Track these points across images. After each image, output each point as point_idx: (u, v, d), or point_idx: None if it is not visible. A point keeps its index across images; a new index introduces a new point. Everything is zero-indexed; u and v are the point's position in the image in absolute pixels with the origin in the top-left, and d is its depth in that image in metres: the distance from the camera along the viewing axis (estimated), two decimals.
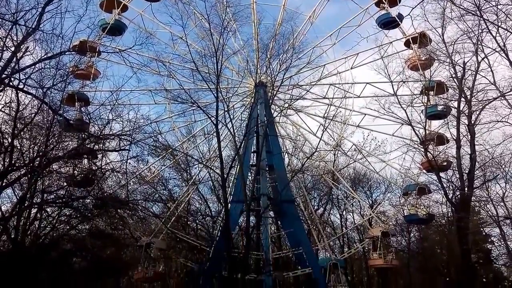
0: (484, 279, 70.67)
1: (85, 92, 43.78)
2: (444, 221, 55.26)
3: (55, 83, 24.51)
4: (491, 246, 57.89)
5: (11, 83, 22.40)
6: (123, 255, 55.77)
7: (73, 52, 27.19)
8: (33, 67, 22.40)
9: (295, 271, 51.72)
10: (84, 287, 50.92)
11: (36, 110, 27.53)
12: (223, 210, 41.00)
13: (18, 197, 30.64)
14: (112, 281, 62.23)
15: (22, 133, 27.70)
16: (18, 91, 23.82)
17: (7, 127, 28.20)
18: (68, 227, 34.10)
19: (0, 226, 28.94)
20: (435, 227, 59.57)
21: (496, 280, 72.76)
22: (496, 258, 57.97)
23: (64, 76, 25.73)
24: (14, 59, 21.52)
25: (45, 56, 22.70)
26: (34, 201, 30.60)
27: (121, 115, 29.82)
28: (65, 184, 31.74)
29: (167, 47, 49.79)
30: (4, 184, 26.07)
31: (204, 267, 47.28)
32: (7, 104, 26.58)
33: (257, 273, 45.31)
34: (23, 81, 22.02)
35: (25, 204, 29.50)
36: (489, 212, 38.98)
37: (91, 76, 46.07)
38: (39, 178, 28.91)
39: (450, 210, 48.57)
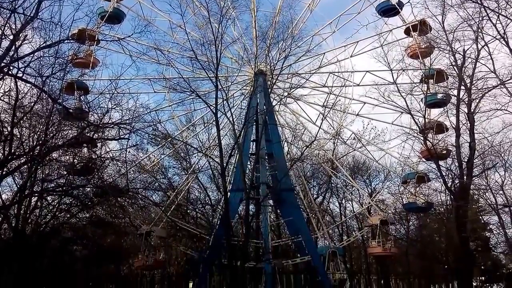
0: (482, 267, 71.31)
1: (84, 81, 43.75)
2: (443, 209, 55.42)
3: (54, 71, 24.36)
4: (489, 234, 58.30)
5: (10, 72, 22.25)
6: (124, 243, 56.03)
7: (72, 41, 27.03)
8: (32, 55, 22.24)
9: (294, 259, 51.93)
10: (84, 275, 51.34)
11: (35, 99, 27.41)
12: (223, 198, 41.06)
13: (18, 186, 30.82)
14: (113, 268, 62.69)
15: (21, 121, 27.61)
16: (17, 80, 23.65)
17: (6, 115, 28.13)
18: (68, 216, 34.31)
19: (0, 215, 29.08)
20: (434, 215, 59.84)
21: (495, 267, 73.35)
22: (494, 246, 58.51)
23: (63, 64, 25.51)
24: (13, 48, 21.38)
25: (44, 45, 22.51)
26: (34, 189, 30.70)
27: (121, 104, 29.62)
28: (65, 172, 31.85)
29: (165, 35, 49.62)
30: (4, 172, 26.10)
31: (204, 255, 47.62)
32: (6, 93, 26.48)
33: (257, 261, 45.56)
34: (22, 69, 21.85)
35: (26, 193, 29.63)
36: (488, 200, 39.27)
37: (90, 65, 45.91)
38: (39, 167, 29.01)
39: (449, 198, 48.69)
